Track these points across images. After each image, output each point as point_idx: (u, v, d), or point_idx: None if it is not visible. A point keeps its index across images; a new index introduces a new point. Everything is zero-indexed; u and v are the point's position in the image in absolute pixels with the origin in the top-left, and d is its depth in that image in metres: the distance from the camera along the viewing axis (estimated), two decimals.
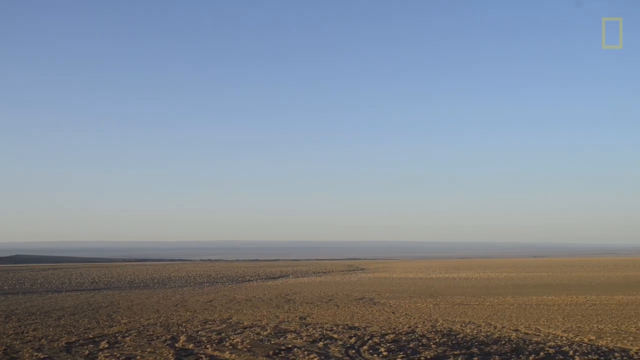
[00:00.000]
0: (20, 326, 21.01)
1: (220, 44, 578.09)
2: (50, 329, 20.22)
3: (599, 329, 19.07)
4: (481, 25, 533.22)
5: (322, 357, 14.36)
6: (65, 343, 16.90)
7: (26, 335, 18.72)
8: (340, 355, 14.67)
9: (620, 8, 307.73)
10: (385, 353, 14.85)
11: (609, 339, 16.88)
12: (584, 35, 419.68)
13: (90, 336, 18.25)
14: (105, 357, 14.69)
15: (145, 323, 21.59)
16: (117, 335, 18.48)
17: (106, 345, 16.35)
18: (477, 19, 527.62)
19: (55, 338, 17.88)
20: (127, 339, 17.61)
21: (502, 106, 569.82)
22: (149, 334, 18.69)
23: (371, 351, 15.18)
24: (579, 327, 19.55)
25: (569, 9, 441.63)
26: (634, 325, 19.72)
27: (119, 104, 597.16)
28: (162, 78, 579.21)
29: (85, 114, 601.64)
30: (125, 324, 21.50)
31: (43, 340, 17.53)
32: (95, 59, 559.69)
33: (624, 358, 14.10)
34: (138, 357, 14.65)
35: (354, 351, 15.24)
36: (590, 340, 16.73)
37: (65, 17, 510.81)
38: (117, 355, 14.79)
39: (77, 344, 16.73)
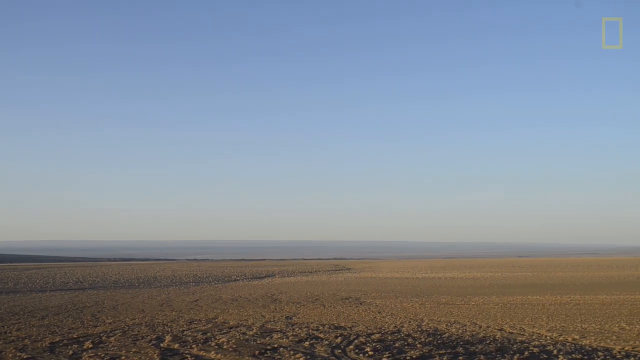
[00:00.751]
0: (3, 326, 20.75)
1: (220, 44, 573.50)
2: (34, 328, 20.00)
3: (582, 328, 19.27)
4: (480, 25, 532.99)
5: (308, 357, 14.36)
6: (49, 343, 16.73)
7: (9, 335, 18.50)
8: (326, 355, 14.67)
9: (620, 8, 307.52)
10: (371, 352, 14.88)
11: (593, 338, 17.07)
12: (584, 35, 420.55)
13: (75, 336, 18.08)
14: (90, 357, 14.56)
15: (130, 323, 21.43)
16: (101, 335, 18.33)
17: (90, 345, 16.22)
18: (477, 19, 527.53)
19: (39, 338, 17.69)
20: (112, 338, 17.47)
21: (501, 106, 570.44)
22: (134, 333, 18.56)
23: (357, 351, 15.20)
24: (562, 326, 19.74)
25: (569, 9, 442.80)
26: (617, 325, 19.96)
27: (119, 104, 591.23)
28: (162, 78, 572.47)
29: (85, 114, 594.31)
30: (110, 323, 21.33)
31: (26, 340, 17.34)
32: (95, 59, 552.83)
33: (607, 357, 14.27)
34: (123, 357, 14.54)
35: (340, 351, 15.25)
36: (574, 339, 16.90)
37: (66, 17, 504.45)
38: (102, 356, 14.67)
39: (61, 344, 16.56)
